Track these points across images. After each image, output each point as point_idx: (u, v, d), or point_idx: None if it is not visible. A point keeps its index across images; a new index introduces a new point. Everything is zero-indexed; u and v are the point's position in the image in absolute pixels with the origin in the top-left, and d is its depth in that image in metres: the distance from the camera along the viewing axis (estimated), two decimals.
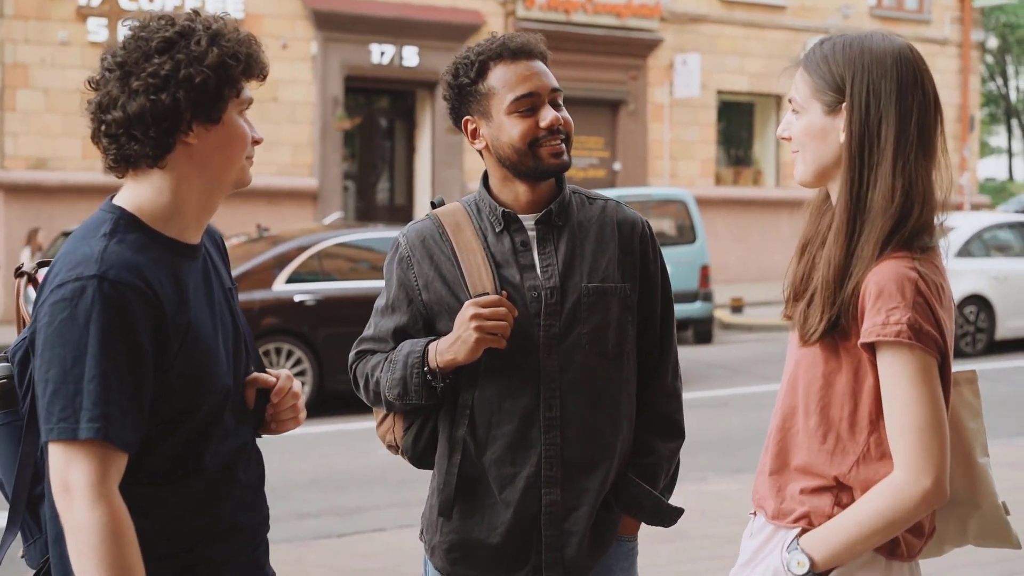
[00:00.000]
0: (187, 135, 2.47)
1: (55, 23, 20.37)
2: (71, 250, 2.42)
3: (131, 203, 2.50)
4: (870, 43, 2.61)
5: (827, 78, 2.62)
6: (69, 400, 2.30)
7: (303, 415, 2.77)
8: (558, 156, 3.07)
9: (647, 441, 3.21)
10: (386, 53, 23.15)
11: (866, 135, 2.56)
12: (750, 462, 9.75)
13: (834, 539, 2.55)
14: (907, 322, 2.46)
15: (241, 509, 2.64)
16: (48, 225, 19.30)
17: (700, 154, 26.88)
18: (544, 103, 3.07)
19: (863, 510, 2.52)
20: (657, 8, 25.77)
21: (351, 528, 8.09)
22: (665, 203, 17.78)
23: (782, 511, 2.66)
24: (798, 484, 2.65)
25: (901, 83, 2.57)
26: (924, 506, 2.49)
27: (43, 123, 20.22)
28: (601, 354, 3.09)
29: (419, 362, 3.04)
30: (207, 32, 2.48)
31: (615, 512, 3.17)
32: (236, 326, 2.69)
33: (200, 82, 2.43)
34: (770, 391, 13.58)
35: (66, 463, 2.31)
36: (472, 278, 3.05)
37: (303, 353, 12.42)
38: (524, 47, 3.10)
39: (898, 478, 2.49)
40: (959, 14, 30.15)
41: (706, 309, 17.10)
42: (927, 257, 2.54)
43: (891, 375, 2.50)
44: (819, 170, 2.66)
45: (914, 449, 2.48)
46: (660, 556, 6.71)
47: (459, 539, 3.14)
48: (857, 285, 2.54)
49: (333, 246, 13.21)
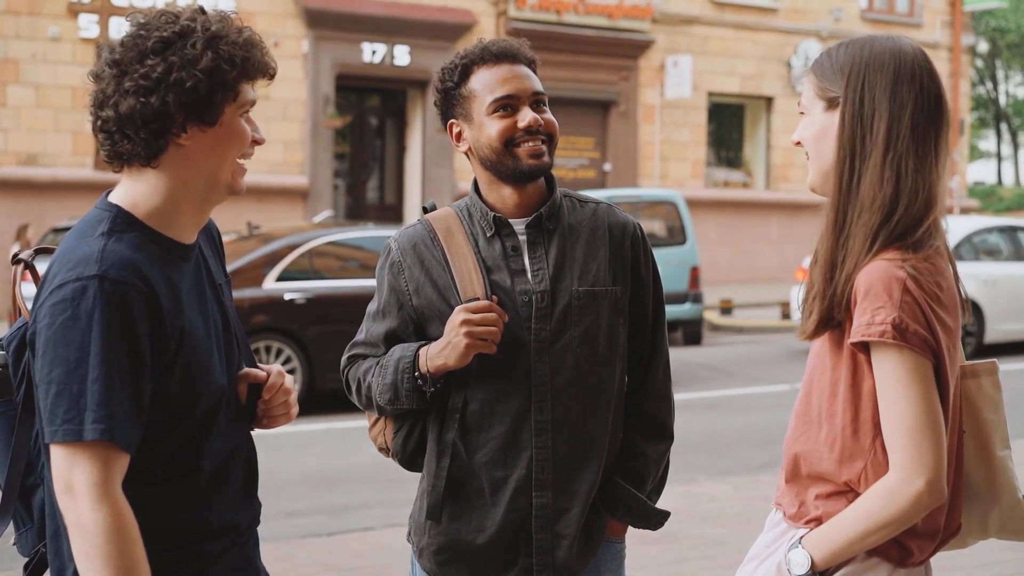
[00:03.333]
0: (180, 136, 2.45)
1: (46, 19, 20.35)
2: (69, 249, 2.41)
3: (127, 201, 2.49)
4: (872, 42, 2.63)
5: (827, 76, 2.64)
6: (74, 401, 2.29)
7: (295, 410, 2.77)
8: (537, 156, 3.07)
9: (635, 444, 3.21)
10: (377, 52, 23.15)
11: (858, 127, 2.57)
12: (739, 464, 9.81)
13: (832, 538, 2.56)
14: (891, 322, 2.45)
15: (234, 507, 2.64)
16: (38, 221, 19.29)
17: (691, 155, 26.90)
18: (524, 105, 3.07)
19: (858, 511, 2.54)
20: (649, 9, 25.80)
21: (341, 527, 8.08)
22: (655, 204, 17.80)
23: (799, 514, 2.69)
24: (813, 489, 2.67)
25: (897, 76, 2.57)
26: (918, 508, 2.50)
27: (33, 119, 20.20)
28: (592, 357, 3.10)
29: (410, 367, 3.04)
30: (205, 34, 2.46)
31: (603, 515, 3.18)
32: (227, 322, 2.68)
33: (191, 86, 2.41)
34: (759, 393, 13.62)
35: (70, 464, 2.30)
36: (463, 283, 3.05)
37: (293, 351, 12.42)
38: (506, 51, 3.10)
39: (891, 479, 2.50)
40: (949, 18, 30.23)
41: (696, 310, 17.11)
42: (923, 256, 2.53)
43: (882, 376, 2.51)
44: (824, 172, 2.66)
45: (907, 450, 2.48)
46: (648, 557, 6.72)
47: (448, 541, 3.14)
48: (848, 280, 2.54)
49: (323, 244, 13.20)
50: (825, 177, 2.66)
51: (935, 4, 30.09)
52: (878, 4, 29.72)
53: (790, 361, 16.26)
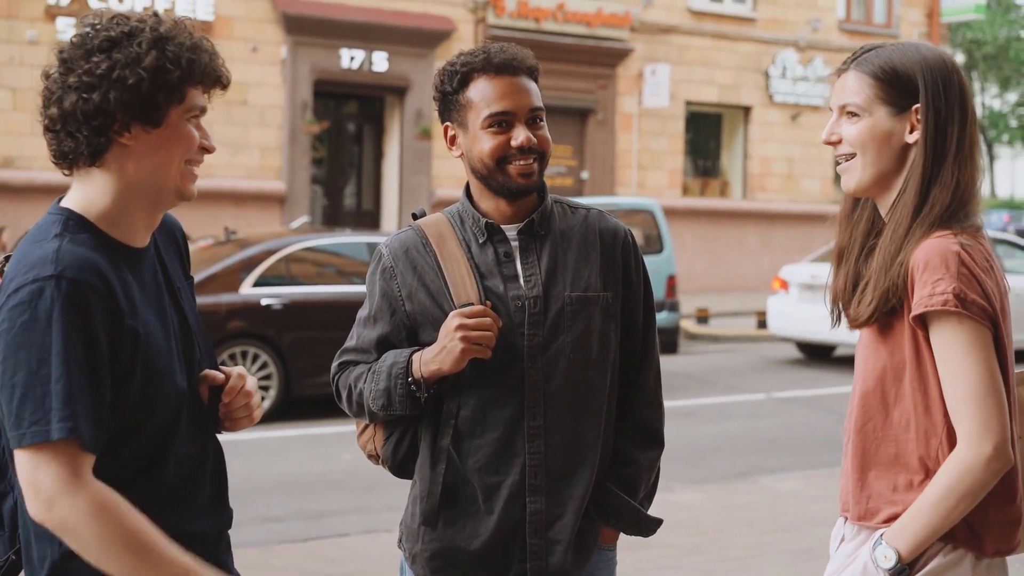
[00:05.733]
0: (123, 135, 2.45)
1: (24, 22, 20.28)
2: (24, 254, 2.41)
3: (78, 204, 2.50)
4: (926, 49, 2.75)
5: (894, 81, 2.72)
6: (39, 403, 2.29)
7: (258, 413, 2.75)
8: (527, 176, 3.07)
9: (627, 451, 3.22)
10: (356, 58, 23.12)
11: (939, 134, 2.69)
12: (714, 472, 9.84)
13: (913, 526, 2.60)
14: (953, 291, 2.53)
15: (203, 515, 2.64)
16: (14, 224, 19.17)
17: (668, 164, 26.95)
18: (520, 121, 3.06)
19: (934, 490, 2.58)
20: (627, 18, 25.85)
21: (317, 533, 8.07)
22: (632, 212, 17.83)
23: (869, 511, 2.72)
24: (884, 482, 2.70)
25: (961, 87, 2.72)
26: (989, 473, 2.54)
27: (10, 122, 20.11)
28: (584, 363, 3.11)
29: (403, 372, 3.04)
30: (152, 34, 2.46)
31: (596, 521, 3.18)
32: (186, 325, 2.66)
33: (133, 84, 2.41)
34: (735, 401, 13.66)
35: (35, 466, 2.29)
36: (456, 288, 3.06)
37: (269, 357, 12.38)
38: (508, 63, 3.08)
39: (960, 450, 2.56)
40: (926, 29, 30.37)
41: (672, 319, 17.17)
42: (971, 234, 2.64)
43: (943, 346, 2.57)
44: (880, 174, 2.75)
45: (973, 417, 2.54)
46: (624, 565, 6.71)
47: (442, 547, 3.14)
48: (904, 262, 2.62)
49: (300, 250, 13.17)
50: (882, 180, 2.75)
51: (912, 15, 30.23)
52: (856, 15, 29.84)
53: (766, 370, 16.31)
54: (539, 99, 3.11)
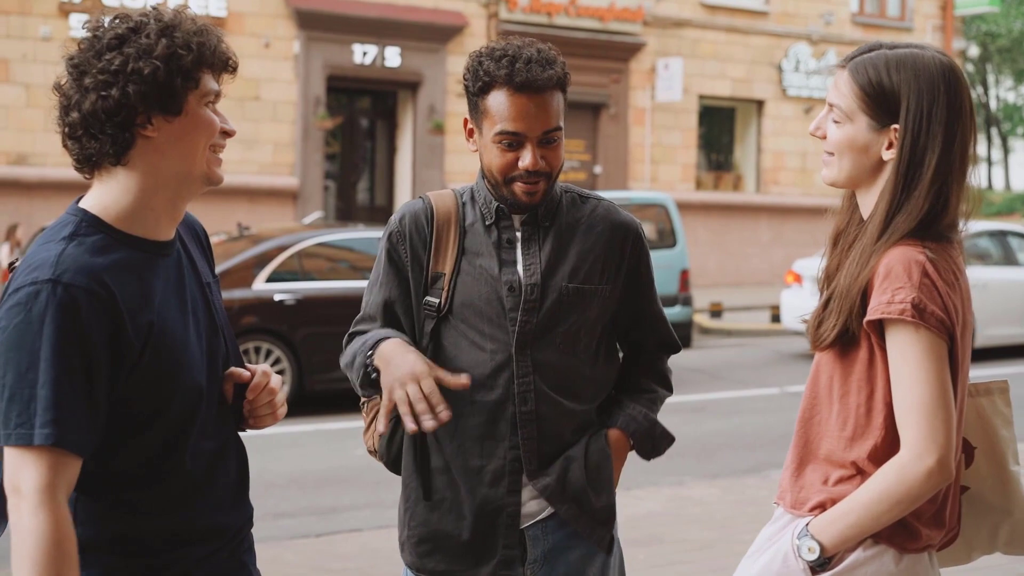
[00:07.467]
0: (146, 128, 2.45)
1: (37, 18, 20.31)
2: (32, 254, 2.42)
3: (96, 205, 2.50)
4: (923, 62, 2.66)
5: (878, 96, 2.66)
6: (24, 405, 2.31)
7: (282, 411, 2.76)
8: (531, 195, 3.08)
9: (645, 383, 3.30)
10: (368, 53, 23.13)
11: (912, 161, 2.63)
12: (726, 467, 9.82)
13: (841, 523, 2.59)
14: (911, 301, 2.51)
15: (222, 510, 2.64)
16: (27, 221, 19.23)
17: (681, 158, 26.92)
18: (531, 143, 3.04)
19: (868, 490, 2.57)
20: (640, 12, 25.81)
21: (329, 528, 8.09)
22: (645, 207, 17.81)
23: (799, 500, 2.71)
24: (818, 474, 2.70)
25: (951, 109, 2.64)
26: (928, 485, 2.52)
27: (23, 119, 20.15)
28: (574, 353, 3.14)
29: (369, 352, 3.05)
30: (158, 25, 2.47)
31: (604, 441, 3.20)
32: (213, 322, 2.67)
33: (149, 73, 2.41)
34: (748, 396, 13.64)
35: (18, 467, 2.31)
36: (437, 266, 3.12)
37: (282, 352, 12.40)
38: (530, 83, 3.02)
39: (903, 457, 2.54)
40: (940, 22, 30.29)
41: (685, 313, 17.18)
42: (940, 246, 2.61)
43: (897, 354, 2.55)
44: (853, 177, 2.73)
45: (919, 428, 2.52)
46: (636, 562, 6.72)
47: (427, 532, 3.18)
48: (869, 273, 2.60)
49: (313, 246, 13.19)
50: (855, 181, 2.73)
51: (926, 8, 30.14)
52: (869, 8, 29.76)
53: (779, 365, 16.28)
54: (558, 117, 3.08)
